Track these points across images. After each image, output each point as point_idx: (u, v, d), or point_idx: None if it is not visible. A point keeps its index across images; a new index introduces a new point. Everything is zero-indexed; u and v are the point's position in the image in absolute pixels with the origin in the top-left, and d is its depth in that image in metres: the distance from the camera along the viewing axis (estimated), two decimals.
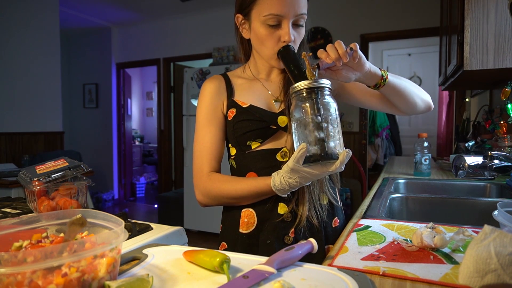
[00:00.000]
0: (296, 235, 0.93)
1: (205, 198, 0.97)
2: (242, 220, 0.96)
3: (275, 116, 0.95)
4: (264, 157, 0.95)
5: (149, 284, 0.52)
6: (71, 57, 5.92)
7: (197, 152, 0.99)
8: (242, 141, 0.96)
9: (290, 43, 0.90)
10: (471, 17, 1.42)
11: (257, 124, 0.94)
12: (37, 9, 3.91)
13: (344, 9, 4.11)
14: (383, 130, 4.74)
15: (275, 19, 0.88)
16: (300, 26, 0.93)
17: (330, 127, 0.74)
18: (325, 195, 0.97)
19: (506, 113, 1.68)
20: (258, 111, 0.96)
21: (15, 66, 3.73)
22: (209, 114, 0.99)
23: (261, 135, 0.95)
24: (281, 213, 0.93)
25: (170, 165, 5.45)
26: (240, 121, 0.96)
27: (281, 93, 0.99)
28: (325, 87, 0.75)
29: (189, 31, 5.04)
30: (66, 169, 1.02)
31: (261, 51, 0.95)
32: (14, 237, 0.58)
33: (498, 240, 0.51)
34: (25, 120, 3.83)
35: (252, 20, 0.93)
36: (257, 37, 0.93)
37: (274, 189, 0.84)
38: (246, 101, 0.98)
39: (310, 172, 0.77)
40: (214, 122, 0.99)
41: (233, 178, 0.95)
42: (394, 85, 0.94)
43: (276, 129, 0.95)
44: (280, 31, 0.90)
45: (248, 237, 0.95)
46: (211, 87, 1.01)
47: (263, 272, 0.56)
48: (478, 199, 1.26)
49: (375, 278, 0.60)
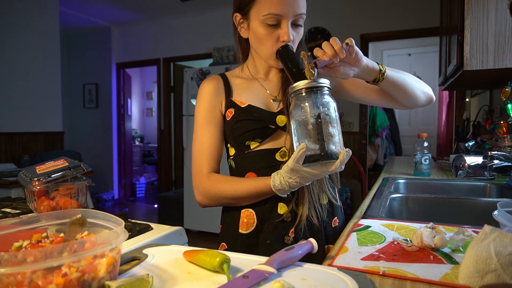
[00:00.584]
0: (296, 235, 0.93)
1: (204, 198, 0.96)
2: (242, 221, 0.96)
3: (274, 115, 0.95)
4: (263, 157, 0.95)
5: (149, 284, 0.52)
6: (71, 57, 5.92)
7: (196, 153, 0.99)
8: (241, 141, 0.96)
9: (289, 43, 0.90)
10: (471, 17, 1.42)
11: (256, 124, 0.94)
12: (37, 9, 3.91)
13: (344, 9, 4.11)
14: (383, 130, 4.75)
15: (275, 19, 0.88)
16: (299, 26, 0.93)
17: (330, 127, 0.74)
18: (324, 195, 0.97)
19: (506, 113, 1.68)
20: (257, 110, 0.95)
21: (15, 66, 3.73)
22: (207, 115, 0.99)
23: (260, 134, 0.95)
24: (281, 213, 0.93)
25: (170, 165, 5.45)
26: (239, 121, 0.95)
27: (280, 93, 0.99)
28: (324, 86, 0.76)
29: (189, 31, 5.04)
30: (66, 169, 1.02)
31: (260, 50, 0.95)
32: (14, 237, 0.58)
33: (498, 240, 0.51)
34: (25, 120, 3.83)
35: (251, 20, 0.93)
36: (255, 36, 0.93)
37: (274, 189, 0.84)
38: (245, 100, 0.98)
39: (310, 172, 0.77)
40: (213, 122, 0.99)
41: (232, 178, 0.95)
42: (393, 79, 0.94)
43: (275, 129, 0.95)
44: (279, 30, 0.90)
45: (248, 238, 0.95)
46: (209, 87, 1.01)
47: (263, 272, 0.56)
48: (478, 199, 1.26)
49: (375, 278, 0.60)
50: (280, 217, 0.93)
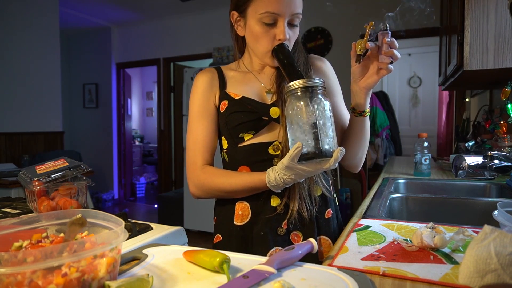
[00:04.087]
0: (288, 226, 0.95)
1: (198, 190, 0.98)
2: (237, 213, 0.98)
3: (267, 107, 0.95)
4: (256, 151, 0.96)
5: (149, 284, 0.52)
6: (71, 57, 5.92)
7: (190, 145, 1.00)
8: (235, 133, 0.97)
9: (285, 41, 0.91)
10: (471, 17, 1.42)
11: (249, 116, 0.95)
12: (37, 9, 3.91)
13: (344, 9, 4.11)
14: (383, 130, 4.74)
15: (271, 17, 0.89)
16: (295, 26, 0.94)
17: (324, 126, 0.76)
18: (317, 187, 0.98)
19: (506, 113, 1.68)
20: (250, 102, 0.96)
21: (15, 66, 3.73)
22: (201, 107, 1.00)
23: (253, 126, 0.95)
24: (274, 206, 0.95)
25: (170, 165, 5.45)
26: (233, 113, 0.96)
27: (274, 85, 1.00)
28: (319, 86, 0.77)
29: (189, 31, 5.04)
30: (66, 169, 1.02)
31: (256, 48, 0.96)
32: (14, 237, 0.58)
33: (498, 240, 0.51)
34: (25, 120, 3.83)
35: (248, 18, 0.94)
36: (252, 34, 0.94)
37: (268, 185, 0.86)
38: (239, 92, 0.99)
39: (305, 170, 0.79)
40: (206, 114, 1.00)
41: (227, 172, 0.97)
42: (367, 126, 0.96)
43: (268, 121, 0.95)
44: (275, 29, 0.91)
45: (242, 229, 0.97)
46: (203, 79, 1.02)
47: (263, 272, 0.56)
48: (478, 199, 1.26)
49: (375, 278, 0.60)
50: (274, 210, 0.94)
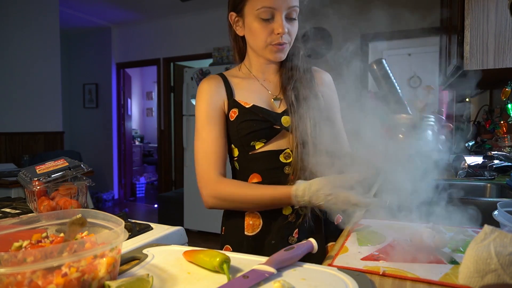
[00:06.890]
0: (299, 235, 0.94)
1: (216, 200, 0.93)
2: (247, 223, 0.96)
3: (279, 116, 0.96)
4: (268, 159, 0.96)
5: (149, 284, 0.52)
6: (71, 57, 5.92)
7: (201, 153, 0.95)
8: (246, 141, 0.96)
9: (283, 35, 0.91)
10: (471, 17, 1.42)
11: (261, 124, 0.94)
12: (37, 9, 3.90)
13: (344, 9, 4.10)
14: None
15: (268, 12, 0.90)
16: (293, 19, 0.94)
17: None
18: None
19: (506, 113, 1.68)
20: (262, 111, 0.96)
21: (15, 66, 3.73)
22: (210, 113, 0.97)
23: (265, 135, 0.95)
24: (286, 214, 0.94)
25: (170, 165, 5.44)
26: (244, 122, 0.95)
27: (280, 92, 1.00)
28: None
29: (189, 31, 5.04)
30: (66, 169, 1.02)
31: (254, 44, 0.96)
32: (14, 237, 0.58)
33: (498, 240, 0.51)
34: (25, 120, 3.83)
35: (245, 16, 0.94)
36: (250, 31, 0.94)
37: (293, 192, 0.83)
38: (248, 101, 0.98)
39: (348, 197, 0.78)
40: (216, 121, 0.97)
41: (246, 183, 0.96)
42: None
43: (280, 129, 0.95)
44: (273, 24, 0.91)
45: (254, 239, 0.95)
46: (209, 85, 1.00)
47: (263, 272, 0.56)
48: (478, 199, 1.26)
49: (375, 278, 0.60)
50: (285, 218, 0.94)
